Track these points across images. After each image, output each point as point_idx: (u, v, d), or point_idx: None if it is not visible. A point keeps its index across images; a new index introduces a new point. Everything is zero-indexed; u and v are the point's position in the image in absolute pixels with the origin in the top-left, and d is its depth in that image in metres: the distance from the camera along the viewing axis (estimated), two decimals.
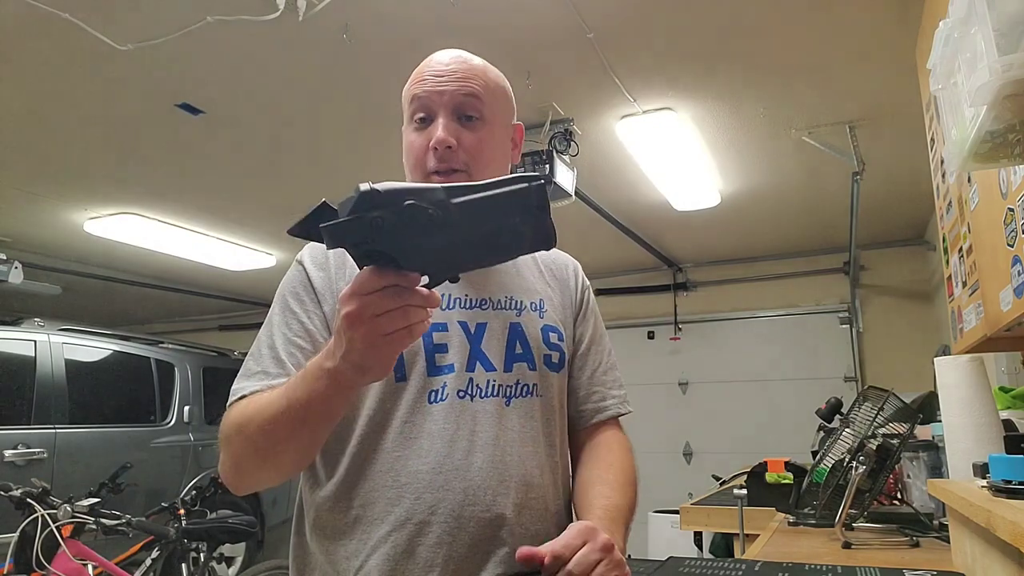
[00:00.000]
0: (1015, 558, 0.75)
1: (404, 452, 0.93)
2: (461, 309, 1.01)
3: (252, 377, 0.96)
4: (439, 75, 1.01)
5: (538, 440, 1.01)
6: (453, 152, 0.98)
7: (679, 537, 3.07)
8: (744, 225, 5.03)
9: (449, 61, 1.03)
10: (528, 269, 1.13)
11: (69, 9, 2.33)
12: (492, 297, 1.04)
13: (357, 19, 2.46)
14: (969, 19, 0.85)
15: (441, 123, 0.99)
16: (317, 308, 0.99)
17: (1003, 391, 1.76)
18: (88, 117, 3.18)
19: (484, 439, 0.95)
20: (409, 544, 0.90)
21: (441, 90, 1.00)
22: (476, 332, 1.00)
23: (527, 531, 0.95)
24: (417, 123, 1.01)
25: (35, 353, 4.14)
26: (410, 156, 1.02)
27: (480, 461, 0.93)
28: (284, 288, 1.03)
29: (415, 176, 1.02)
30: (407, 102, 1.04)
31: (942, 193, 1.87)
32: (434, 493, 0.91)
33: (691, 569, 0.93)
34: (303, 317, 0.99)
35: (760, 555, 1.32)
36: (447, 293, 1.00)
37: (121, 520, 2.76)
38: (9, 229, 4.78)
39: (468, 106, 1.01)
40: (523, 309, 1.06)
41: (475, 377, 0.97)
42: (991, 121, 0.85)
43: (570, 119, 3.23)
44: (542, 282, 1.13)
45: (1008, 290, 1.26)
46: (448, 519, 0.90)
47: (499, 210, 0.72)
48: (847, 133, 3.40)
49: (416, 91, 1.01)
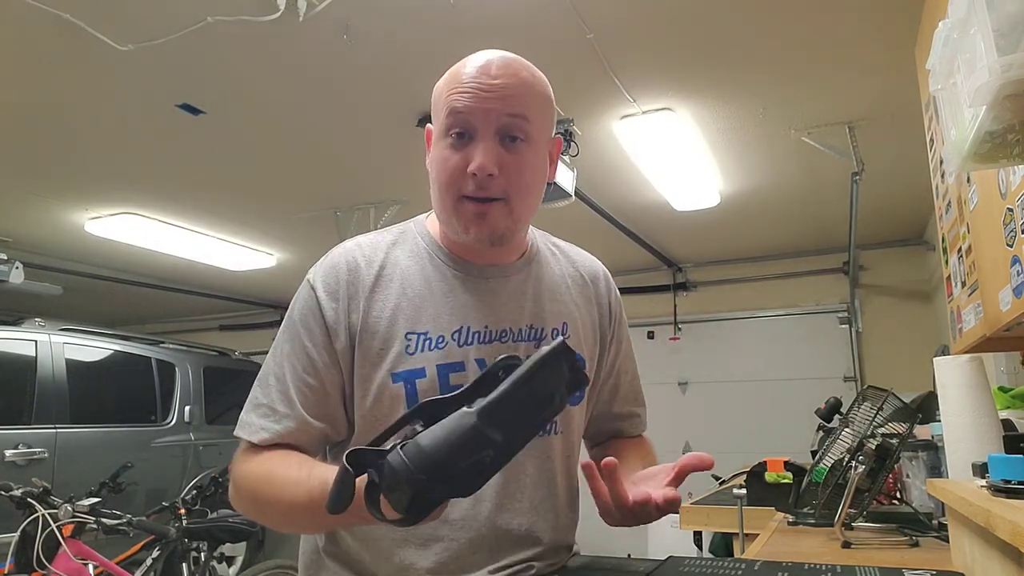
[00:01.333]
0: (1014, 558, 0.75)
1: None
2: (479, 344, 0.96)
3: (259, 410, 0.94)
4: (484, 89, 0.89)
5: (552, 481, 1.00)
6: (493, 180, 0.89)
7: (679, 537, 3.07)
8: (744, 225, 5.03)
9: (497, 73, 0.90)
10: (554, 285, 1.06)
11: (69, 9, 2.33)
12: (512, 328, 0.99)
13: (357, 19, 2.46)
14: (969, 19, 0.85)
15: (482, 147, 0.89)
16: (327, 341, 0.94)
17: (1002, 391, 1.76)
18: (88, 117, 3.18)
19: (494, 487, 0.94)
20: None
21: (486, 108, 0.89)
22: None
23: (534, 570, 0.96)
24: (453, 138, 0.91)
25: (36, 353, 4.14)
26: (443, 174, 0.92)
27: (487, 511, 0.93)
28: (295, 313, 0.97)
29: (446, 195, 0.93)
30: (441, 109, 0.93)
31: (941, 193, 1.87)
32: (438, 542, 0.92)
33: (691, 568, 0.93)
34: (313, 353, 0.94)
35: (760, 554, 1.32)
36: (465, 326, 0.96)
37: (122, 520, 2.76)
38: (9, 229, 4.79)
39: (514, 127, 0.91)
40: (543, 338, 1.00)
41: None
42: (990, 121, 0.86)
43: (570, 119, 3.23)
44: (568, 299, 1.07)
45: (1007, 290, 1.26)
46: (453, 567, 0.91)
47: (537, 394, 0.68)
48: (847, 133, 3.40)
49: (455, 103, 0.90)
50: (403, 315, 0.95)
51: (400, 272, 0.98)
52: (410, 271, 0.98)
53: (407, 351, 0.93)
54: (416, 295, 0.96)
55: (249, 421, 0.94)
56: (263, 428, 0.92)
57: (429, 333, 0.94)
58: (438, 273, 0.99)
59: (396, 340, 0.93)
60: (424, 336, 0.94)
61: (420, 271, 0.99)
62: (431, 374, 0.92)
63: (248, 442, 0.93)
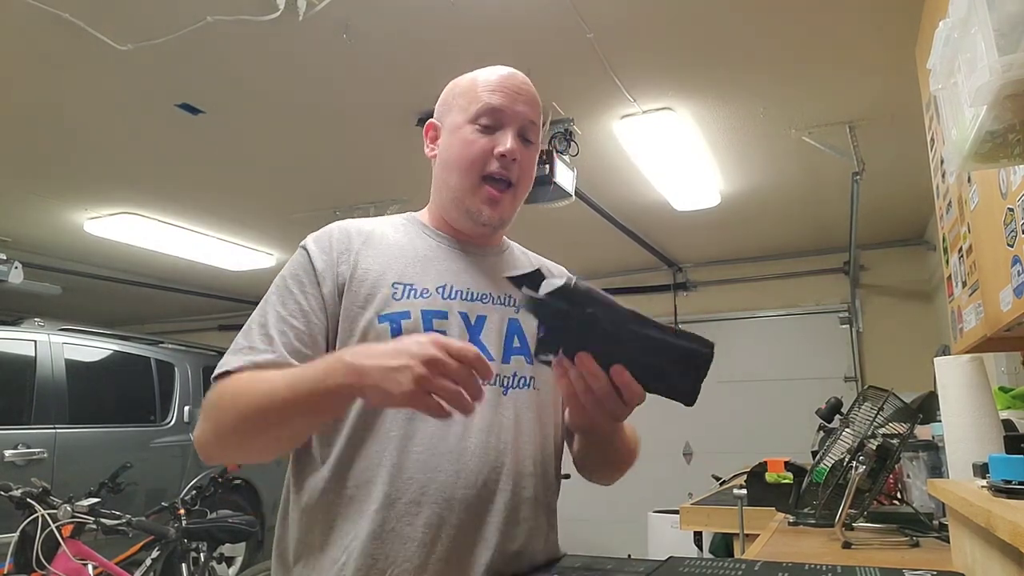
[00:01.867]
0: (1015, 558, 0.75)
1: (399, 433, 0.95)
2: (462, 300, 1.04)
3: (239, 352, 0.97)
4: (517, 92, 1.07)
5: (533, 431, 1.03)
6: (514, 164, 1.05)
7: (679, 537, 3.07)
8: (744, 225, 5.03)
9: (522, 83, 1.09)
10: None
11: (69, 9, 2.33)
12: (492, 293, 1.07)
13: (357, 19, 2.46)
14: (969, 19, 0.85)
15: (511, 135, 1.05)
16: (316, 289, 1.01)
17: (1003, 391, 1.76)
18: (88, 117, 3.18)
19: (479, 425, 0.97)
20: (399, 523, 0.92)
21: (517, 109, 1.06)
22: (476, 323, 1.03)
23: (515, 518, 0.97)
24: (481, 127, 1.05)
25: (35, 353, 4.14)
26: (468, 153, 1.04)
27: (473, 445, 0.96)
28: (286, 271, 1.04)
29: (466, 175, 1.05)
30: (469, 101, 1.07)
31: (942, 193, 1.87)
32: (426, 474, 0.93)
33: (691, 569, 0.93)
34: (300, 298, 1.00)
35: (760, 555, 1.32)
36: (449, 284, 1.04)
37: (121, 520, 2.76)
38: (9, 229, 4.78)
39: (529, 130, 1.08)
40: (521, 307, 1.08)
41: None
42: (991, 121, 0.85)
43: (570, 119, 3.23)
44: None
45: (1008, 290, 1.26)
46: (438, 500, 0.92)
47: (666, 354, 0.82)
48: (847, 133, 3.40)
49: (492, 100, 1.05)
50: (391, 270, 1.03)
51: (389, 239, 1.08)
52: (398, 239, 1.09)
53: (393, 296, 1.00)
54: (403, 255, 1.06)
55: (225, 361, 0.96)
56: (241, 360, 0.95)
57: (415, 285, 1.03)
58: (424, 243, 1.10)
59: (383, 287, 1.01)
60: (410, 286, 1.02)
61: (408, 240, 1.09)
62: (415, 316, 0.99)
63: (220, 377, 0.95)
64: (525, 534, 0.98)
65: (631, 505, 4.97)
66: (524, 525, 0.98)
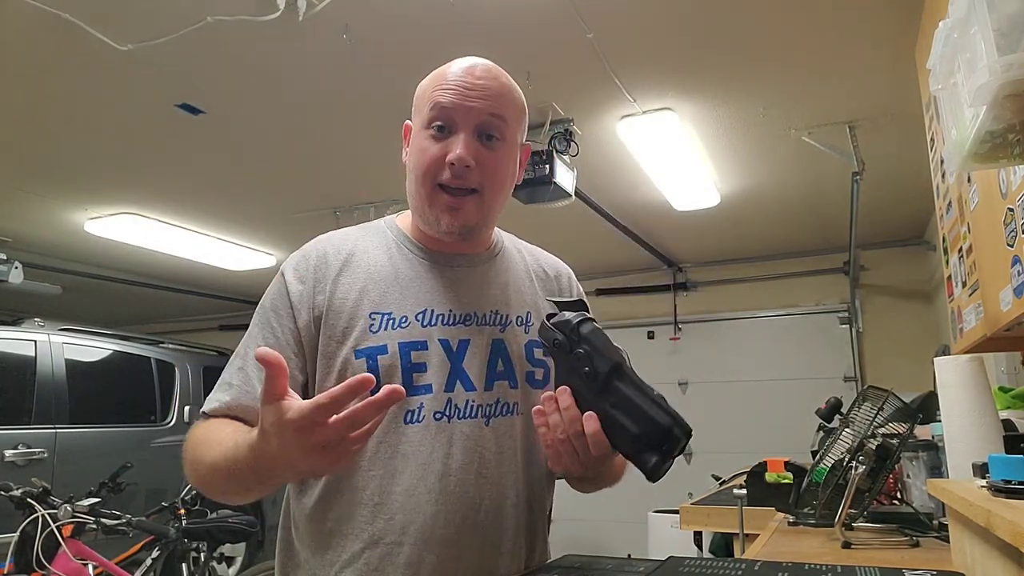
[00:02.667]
0: (1015, 558, 0.75)
1: (378, 472, 0.94)
2: (443, 326, 1.00)
3: (219, 388, 0.99)
4: (468, 88, 0.97)
5: (516, 460, 1.01)
6: (470, 171, 0.97)
7: (679, 537, 3.07)
8: (744, 225, 5.03)
9: (480, 75, 0.99)
10: (518, 278, 1.11)
11: (69, 9, 2.33)
12: (477, 312, 1.03)
13: (357, 19, 2.46)
14: (969, 19, 0.85)
15: (462, 139, 0.96)
16: (291, 322, 0.99)
17: (1003, 391, 1.76)
18: (88, 117, 3.18)
19: (459, 462, 0.95)
20: (380, 563, 0.92)
21: (468, 106, 0.97)
22: (458, 350, 0.99)
23: (498, 551, 0.97)
24: (434, 130, 0.98)
25: (35, 353, 4.14)
26: (421, 162, 0.98)
27: (453, 484, 0.94)
28: (265, 300, 1.03)
29: (422, 184, 0.99)
30: (424, 103, 1.00)
31: (942, 193, 1.87)
32: (406, 514, 0.93)
33: (691, 569, 0.93)
34: (278, 332, 0.99)
35: (760, 555, 1.32)
36: (430, 309, 1.00)
37: (121, 520, 2.76)
38: (9, 229, 4.78)
39: (492, 126, 0.99)
40: (508, 324, 1.05)
41: (454, 398, 0.97)
42: (991, 121, 0.85)
43: (570, 119, 3.23)
44: (532, 293, 1.11)
45: (1008, 290, 1.26)
46: (418, 541, 0.92)
47: (639, 422, 0.82)
48: (847, 133, 3.40)
49: (440, 99, 0.97)
50: (368, 297, 0.99)
51: (368, 259, 1.03)
52: (378, 259, 1.04)
53: (370, 329, 0.97)
54: (382, 279, 1.01)
55: (208, 400, 0.99)
56: (215, 400, 0.97)
57: (393, 314, 0.99)
58: (405, 261, 1.04)
59: (360, 319, 0.98)
60: (388, 316, 0.98)
61: (388, 259, 1.04)
62: (392, 350, 0.96)
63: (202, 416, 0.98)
64: (506, 566, 0.98)
65: (631, 505, 4.97)
66: (506, 556, 0.98)
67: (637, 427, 0.82)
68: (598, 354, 0.84)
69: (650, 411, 0.82)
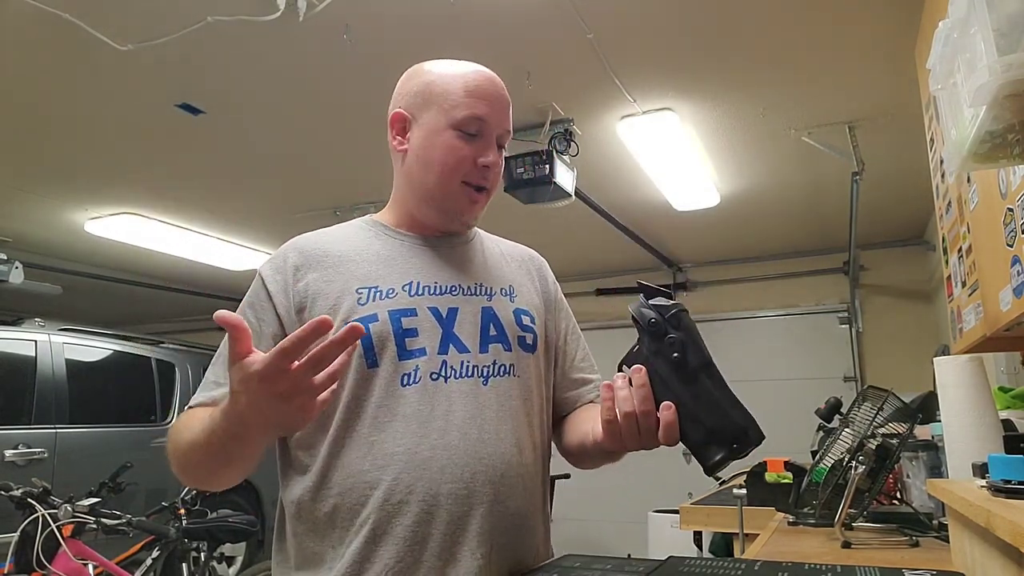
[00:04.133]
0: (1015, 558, 0.75)
1: (379, 436, 0.94)
2: (430, 295, 1.03)
3: (205, 386, 1.00)
4: (499, 101, 1.07)
5: (518, 418, 1.02)
6: (492, 172, 1.06)
7: (679, 537, 3.07)
8: (744, 225, 5.03)
9: (502, 91, 1.08)
10: (496, 258, 1.16)
11: (69, 9, 2.33)
12: (462, 284, 1.07)
13: (357, 19, 2.46)
14: (969, 19, 0.85)
15: (493, 147, 1.06)
16: (271, 314, 1.01)
17: (1003, 391, 1.76)
18: (88, 117, 3.18)
19: (460, 417, 0.96)
20: (389, 524, 0.92)
21: (499, 120, 1.06)
22: (448, 316, 1.02)
23: (506, 508, 0.96)
24: (464, 134, 1.04)
25: (35, 353, 4.14)
26: (450, 160, 1.03)
27: (456, 440, 0.95)
28: (245, 299, 1.05)
29: (448, 181, 1.04)
30: (455, 106, 1.04)
31: (942, 193, 1.87)
32: (411, 473, 0.92)
33: (691, 568, 0.93)
34: (255, 325, 1.00)
35: (760, 554, 1.32)
36: (416, 281, 1.04)
37: (121, 520, 2.76)
38: (9, 229, 4.78)
39: (505, 138, 1.09)
40: (493, 295, 1.08)
41: (448, 359, 0.99)
42: (990, 121, 0.85)
43: (570, 119, 3.23)
44: (511, 270, 1.16)
45: (1007, 290, 1.26)
46: (426, 497, 0.92)
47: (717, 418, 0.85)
48: (847, 133, 3.40)
49: (478, 110, 1.04)
50: (353, 277, 1.03)
51: (347, 247, 1.07)
52: (357, 246, 1.08)
53: (359, 303, 1.00)
54: (365, 261, 1.05)
55: (194, 397, 1.00)
56: (202, 396, 0.98)
57: (380, 287, 1.02)
58: (386, 246, 1.08)
59: (348, 295, 1.00)
60: (375, 289, 1.01)
61: (367, 246, 1.08)
62: (383, 318, 0.98)
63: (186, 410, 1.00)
64: (515, 523, 0.98)
65: (631, 505, 4.97)
66: (516, 515, 0.98)
67: (713, 423, 0.84)
68: (693, 345, 0.86)
69: (731, 410, 0.85)
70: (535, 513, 1.03)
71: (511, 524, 0.97)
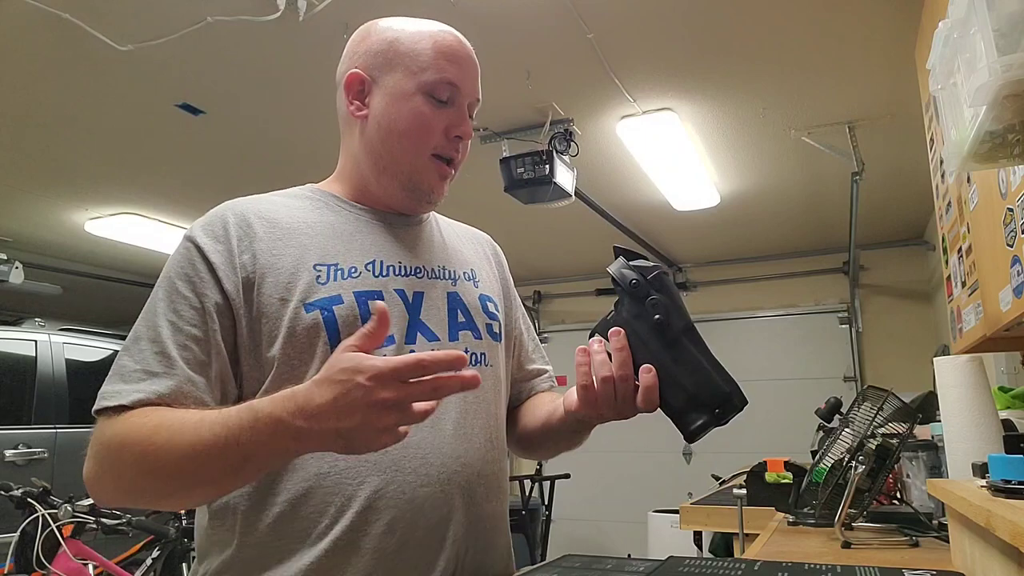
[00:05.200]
0: (1015, 558, 0.75)
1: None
2: (396, 276, 0.93)
3: (130, 378, 0.80)
4: (471, 66, 0.98)
5: (490, 412, 0.96)
6: (464, 145, 0.98)
7: (679, 537, 3.07)
8: (744, 225, 5.03)
9: (471, 53, 1.00)
10: (452, 239, 1.08)
11: (69, 9, 2.33)
12: (426, 266, 0.98)
13: (357, 19, 2.45)
14: (969, 19, 0.85)
15: (465, 116, 0.97)
16: (213, 288, 0.85)
17: (1003, 391, 1.75)
18: (88, 117, 3.18)
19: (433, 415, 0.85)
20: (354, 535, 0.81)
21: (472, 86, 0.98)
22: (414, 302, 0.93)
23: (482, 510, 0.91)
24: (434, 100, 0.94)
25: (35, 353, 4.14)
26: (419, 128, 0.93)
27: (429, 436, 0.86)
28: (171, 270, 0.87)
29: (417, 150, 0.94)
30: (424, 68, 0.94)
31: (941, 193, 1.87)
32: (380, 476, 0.82)
33: (691, 568, 0.93)
34: (194, 300, 0.84)
35: (760, 554, 1.32)
36: (379, 259, 0.93)
37: (121, 520, 2.76)
38: (9, 229, 4.78)
39: (474, 108, 1.01)
40: (457, 279, 1.01)
41: (417, 349, 0.88)
42: (990, 121, 0.85)
43: (570, 119, 3.23)
44: (470, 253, 1.09)
45: (1007, 290, 1.26)
46: (400, 503, 0.82)
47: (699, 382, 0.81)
48: (847, 133, 3.40)
49: (450, 74, 0.94)
50: (308, 251, 0.90)
51: (296, 216, 0.94)
52: (308, 216, 0.95)
53: (318, 280, 0.87)
54: (319, 234, 0.92)
55: (115, 390, 0.80)
56: (136, 391, 0.79)
57: (340, 264, 0.90)
58: (339, 218, 0.96)
59: (303, 272, 0.87)
60: (335, 267, 0.89)
61: (320, 217, 0.95)
62: (349, 300, 0.87)
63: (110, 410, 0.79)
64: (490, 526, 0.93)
65: (631, 505, 4.97)
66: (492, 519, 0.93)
67: (695, 387, 0.80)
68: (676, 308, 0.83)
69: (713, 374, 0.81)
70: (504, 514, 0.98)
71: (486, 527, 0.91)
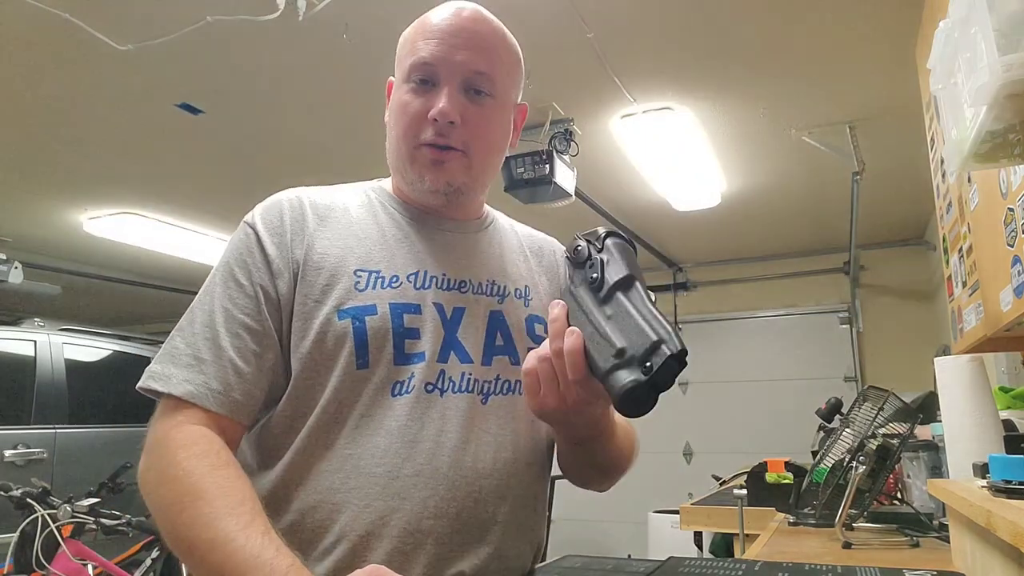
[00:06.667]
0: (1015, 558, 0.75)
1: (356, 450, 0.79)
2: (437, 289, 0.88)
3: (179, 361, 0.79)
4: (454, 37, 0.87)
5: (518, 445, 0.87)
6: (455, 128, 0.86)
7: (679, 537, 3.07)
8: (744, 225, 5.03)
9: (466, 24, 0.89)
10: (512, 252, 1.00)
11: (69, 9, 2.33)
12: (472, 279, 0.91)
13: (357, 19, 2.46)
14: (969, 19, 0.85)
15: (446, 93, 0.85)
16: (270, 280, 0.83)
17: (1003, 391, 1.75)
18: (88, 117, 3.18)
19: (453, 441, 0.81)
20: (354, 560, 0.76)
21: (453, 59, 0.86)
22: (453, 317, 0.87)
23: (500, 552, 0.82)
24: (415, 83, 0.87)
25: (35, 353, 4.14)
26: (402, 118, 0.88)
27: (445, 468, 0.80)
28: (230, 256, 0.86)
29: (403, 142, 0.88)
30: (406, 54, 0.90)
31: (942, 193, 1.87)
32: (387, 502, 0.77)
33: (691, 569, 0.93)
34: (250, 290, 0.82)
35: (760, 555, 1.32)
36: (423, 270, 0.88)
37: (121, 520, 2.76)
38: (9, 229, 4.78)
39: (480, 81, 0.88)
40: (506, 296, 0.93)
41: (447, 369, 0.84)
42: (991, 121, 0.85)
43: (570, 119, 3.23)
44: (527, 267, 1.00)
45: (1008, 290, 1.26)
46: (402, 534, 0.77)
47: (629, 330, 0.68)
48: (847, 133, 3.40)
49: (422, 52, 0.87)
50: (353, 254, 0.86)
51: (351, 214, 0.91)
52: (360, 216, 0.91)
53: (356, 287, 0.84)
54: (367, 237, 0.89)
55: (165, 372, 0.79)
56: (186, 380, 0.78)
57: (382, 272, 0.86)
58: (391, 220, 0.92)
59: (344, 276, 0.84)
60: (376, 274, 0.85)
61: (372, 217, 0.92)
62: (383, 311, 0.83)
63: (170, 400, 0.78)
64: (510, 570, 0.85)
65: (631, 505, 4.97)
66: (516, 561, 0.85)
67: (621, 341, 0.67)
68: (614, 263, 0.73)
69: (643, 323, 0.67)
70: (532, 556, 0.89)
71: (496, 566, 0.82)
